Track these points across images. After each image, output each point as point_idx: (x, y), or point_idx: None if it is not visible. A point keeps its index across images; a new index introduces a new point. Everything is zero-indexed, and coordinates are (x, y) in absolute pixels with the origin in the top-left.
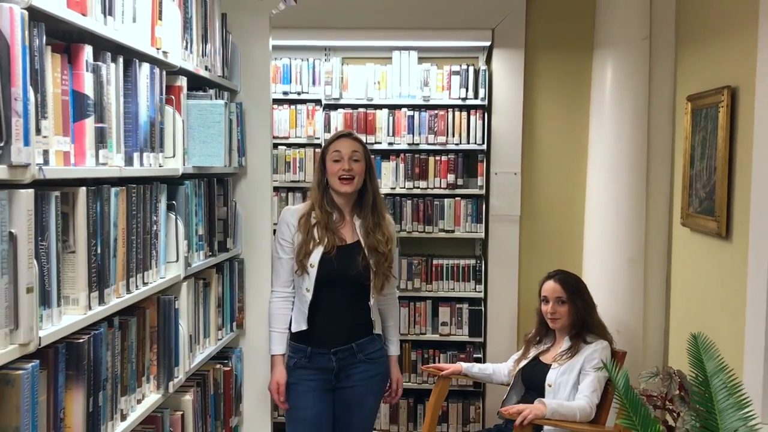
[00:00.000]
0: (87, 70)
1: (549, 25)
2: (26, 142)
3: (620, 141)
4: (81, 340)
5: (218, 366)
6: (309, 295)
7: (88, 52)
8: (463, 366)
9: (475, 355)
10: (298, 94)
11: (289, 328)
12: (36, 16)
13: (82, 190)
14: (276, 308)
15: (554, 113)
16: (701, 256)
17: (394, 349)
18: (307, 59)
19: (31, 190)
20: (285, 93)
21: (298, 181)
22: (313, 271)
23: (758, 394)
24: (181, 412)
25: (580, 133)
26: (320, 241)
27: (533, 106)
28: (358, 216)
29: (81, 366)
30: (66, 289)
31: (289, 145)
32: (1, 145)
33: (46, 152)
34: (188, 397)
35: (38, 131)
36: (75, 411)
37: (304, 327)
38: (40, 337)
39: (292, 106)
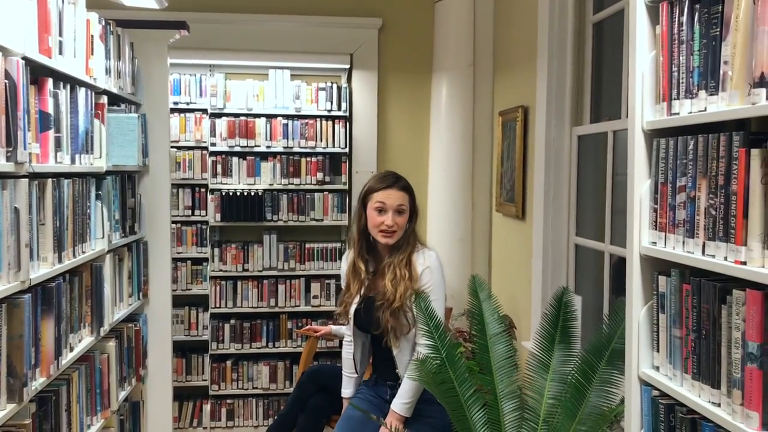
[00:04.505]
0: (50, 96)
1: (397, 52)
2: (24, 147)
3: (452, 145)
4: (51, 286)
5: (130, 325)
6: (352, 344)
7: (50, 82)
8: (333, 328)
9: (340, 321)
10: (187, 104)
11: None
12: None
13: (50, 180)
14: (344, 353)
15: (402, 123)
16: (509, 234)
17: (395, 403)
18: (195, 74)
19: (26, 180)
20: (176, 103)
21: (187, 179)
22: (351, 321)
23: (537, 319)
24: (107, 354)
25: (423, 139)
26: (354, 293)
27: (385, 117)
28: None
29: (51, 304)
30: (40, 249)
31: (179, 148)
32: (11, 149)
33: (29, 154)
34: (112, 344)
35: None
36: (47, 335)
37: (355, 374)
38: (30, 279)
39: (182, 114)
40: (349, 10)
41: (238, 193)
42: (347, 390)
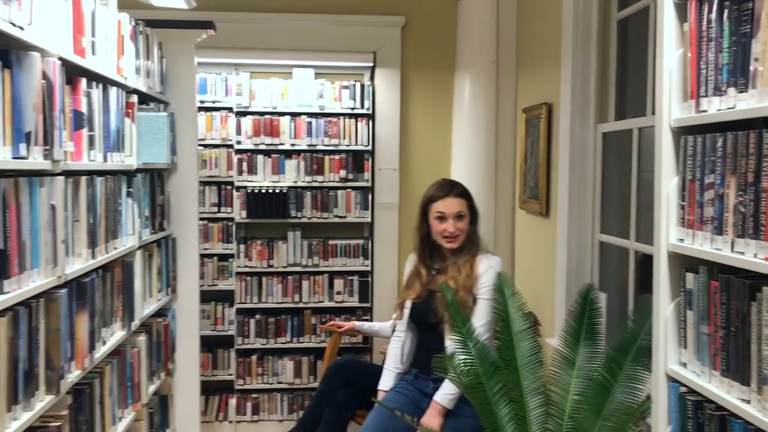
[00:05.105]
0: (83, 95)
1: (420, 49)
2: (60, 146)
3: (475, 143)
4: (85, 281)
5: (159, 320)
6: (402, 336)
7: (84, 82)
8: (356, 324)
9: (363, 317)
10: (213, 102)
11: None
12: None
13: (83, 178)
14: (391, 347)
15: (425, 121)
16: (532, 231)
17: (438, 394)
18: (220, 74)
19: (62, 177)
20: (202, 102)
21: (214, 176)
22: (406, 312)
23: (561, 316)
24: (138, 349)
25: (445, 137)
26: (413, 293)
27: (408, 115)
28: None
29: (86, 298)
30: (75, 245)
31: (205, 146)
32: (48, 148)
33: (64, 152)
34: (142, 338)
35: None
36: (82, 329)
37: (402, 368)
38: (66, 274)
39: (208, 113)
40: (373, 9)
41: (263, 191)
42: (386, 383)
